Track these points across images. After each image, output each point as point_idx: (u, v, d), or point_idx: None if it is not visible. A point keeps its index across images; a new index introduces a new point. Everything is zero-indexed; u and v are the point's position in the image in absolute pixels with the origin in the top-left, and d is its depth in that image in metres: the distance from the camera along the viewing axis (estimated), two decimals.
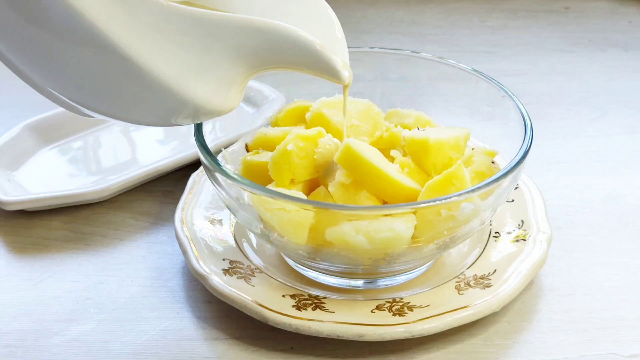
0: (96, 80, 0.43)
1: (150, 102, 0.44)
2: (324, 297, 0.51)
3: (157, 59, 0.42)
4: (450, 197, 0.47)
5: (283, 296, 0.51)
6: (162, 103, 0.44)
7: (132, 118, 0.46)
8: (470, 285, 0.52)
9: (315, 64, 0.47)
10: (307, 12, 0.52)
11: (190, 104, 0.44)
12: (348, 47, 0.64)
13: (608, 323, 0.52)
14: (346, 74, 0.49)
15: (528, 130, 0.53)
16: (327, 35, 0.51)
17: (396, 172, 0.51)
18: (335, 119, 0.55)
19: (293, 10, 0.52)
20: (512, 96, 0.56)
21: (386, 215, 0.47)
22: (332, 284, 0.53)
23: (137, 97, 0.44)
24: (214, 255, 0.55)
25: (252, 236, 0.57)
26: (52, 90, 0.44)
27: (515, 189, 0.60)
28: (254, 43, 0.45)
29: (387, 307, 0.51)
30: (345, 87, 0.51)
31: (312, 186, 0.53)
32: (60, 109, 0.71)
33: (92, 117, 0.47)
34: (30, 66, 0.44)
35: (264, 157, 0.55)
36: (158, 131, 0.73)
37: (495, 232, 0.57)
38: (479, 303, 0.50)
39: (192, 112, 0.45)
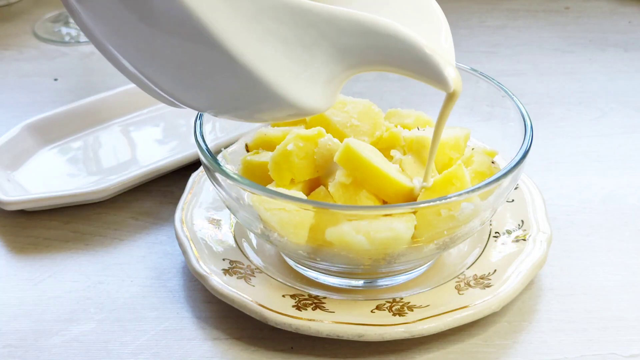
0: (198, 74, 0.41)
1: (247, 98, 0.43)
2: (324, 297, 0.51)
3: (257, 52, 0.40)
4: (450, 197, 0.47)
5: (283, 296, 0.51)
6: (257, 98, 0.42)
7: (229, 113, 0.45)
8: (470, 285, 0.52)
9: (422, 68, 0.44)
10: (415, 10, 0.48)
11: (286, 101, 0.42)
12: None
13: (608, 323, 0.52)
14: (452, 82, 0.45)
15: (528, 130, 0.53)
16: (433, 38, 0.47)
17: (396, 172, 0.51)
18: (336, 119, 0.55)
19: (399, 6, 0.48)
20: (512, 96, 0.56)
21: (386, 215, 0.47)
22: (332, 284, 0.53)
23: (236, 93, 0.42)
24: (214, 255, 0.55)
25: (252, 236, 0.57)
26: (149, 82, 0.43)
27: (515, 189, 0.60)
28: (358, 40, 0.42)
29: (387, 307, 0.51)
30: (450, 95, 0.47)
31: (312, 186, 0.53)
32: (60, 109, 0.71)
33: (182, 107, 0.46)
34: (136, 61, 0.42)
35: (264, 157, 0.55)
36: (158, 131, 0.73)
37: (495, 232, 0.57)
38: (479, 303, 0.50)
39: (285, 110, 0.44)
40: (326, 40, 0.42)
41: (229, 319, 0.52)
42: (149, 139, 0.72)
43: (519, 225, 0.57)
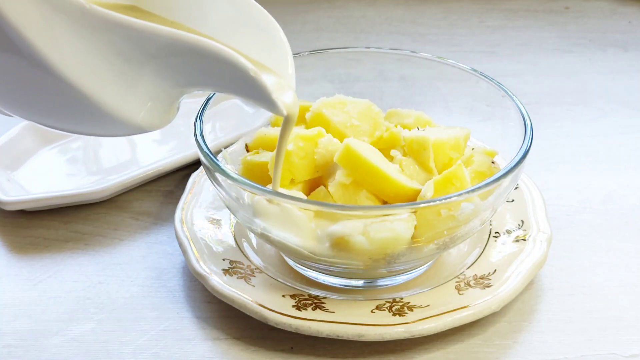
0: (23, 90, 0.41)
1: (74, 113, 0.42)
2: (324, 297, 0.51)
3: (80, 70, 0.39)
4: (450, 197, 0.47)
5: (283, 296, 0.51)
6: (87, 116, 0.42)
7: (52, 124, 0.44)
8: (470, 285, 0.52)
9: (250, 91, 0.43)
10: (263, 38, 0.47)
11: (120, 120, 0.42)
12: (348, 47, 0.65)
13: (608, 323, 0.52)
14: (281, 104, 0.44)
15: (528, 130, 0.53)
16: (280, 65, 0.47)
17: (396, 172, 0.51)
18: (336, 119, 0.55)
19: (247, 33, 0.47)
20: (512, 96, 0.56)
21: (386, 215, 0.47)
22: (332, 284, 0.53)
23: (60, 106, 0.41)
24: (214, 255, 0.55)
25: (252, 236, 0.57)
26: None
27: (515, 189, 0.60)
28: (183, 60, 0.41)
29: (387, 307, 0.51)
30: (285, 119, 0.46)
31: (312, 186, 0.53)
32: None
33: (11, 115, 0.45)
34: None
35: (264, 157, 0.55)
36: (158, 131, 0.73)
37: (495, 232, 0.57)
38: (479, 303, 0.50)
39: (122, 127, 0.43)
40: (150, 57, 0.41)
41: (229, 319, 0.52)
42: (149, 139, 0.72)
43: (519, 225, 0.57)
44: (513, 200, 0.60)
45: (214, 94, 0.56)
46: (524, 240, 0.56)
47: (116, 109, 0.41)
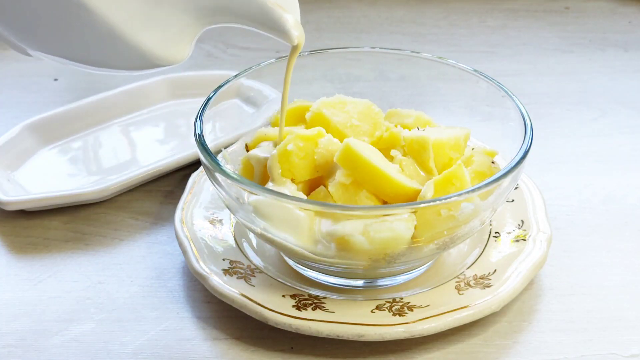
0: (46, 17, 0.41)
1: (93, 43, 0.43)
2: (324, 297, 0.51)
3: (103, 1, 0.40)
4: (450, 197, 0.47)
5: (283, 296, 0.51)
6: (105, 46, 0.43)
7: (79, 58, 0.45)
8: (470, 285, 0.52)
9: (264, 20, 0.46)
10: None
11: (135, 50, 0.43)
12: (347, 47, 0.65)
13: (608, 323, 0.52)
14: (296, 33, 0.47)
15: (528, 130, 0.53)
16: (283, 1, 0.49)
17: (396, 172, 0.51)
18: (336, 119, 0.55)
19: None
20: (512, 96, 0.56)
21: (386, 215, 0.47)
22: (332, 284, 0.53)
23: (81, 35, 0.42)
24: (214, 255, 0.55)
25: (252, 236, 0.57)
26: None
27: (515, 189, 0.60)
28: None
29: (387, 307, 0.51)
30: (293, 48, 0.50)
31: (312, 186, 0.53)
32: (60, 109, 0.71)
33: (30, 55, 0.45)
34: None
35: (264, 152, 0.54)
36: (158, 131, 0.73)
37: (495, 232, 0.57)
38: (479, 303, 0.50)
39: (136, 59, 0.44)
40: None
41: (229, 319, 0.52)
42: (149, 139, 0.72)
43: (519, 225, 0.57)
44: (513, 200, 0.60)
45: (213, 94, 0.56)
46: (524, 240, 0.56)
47: (135, 38, 0.42)
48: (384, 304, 0.51)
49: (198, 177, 0.62)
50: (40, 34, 0.43)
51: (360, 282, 0.53)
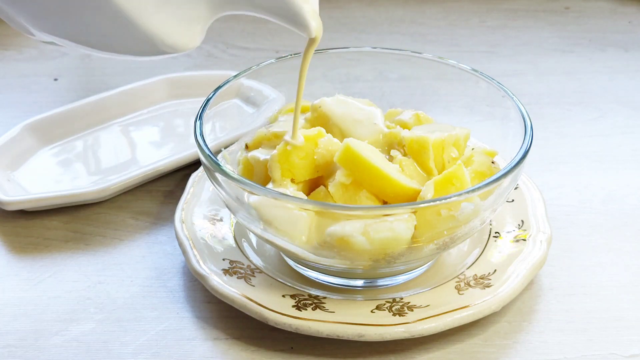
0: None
1: (102, 25, 0.42)
2: (324, 297, 0.51)
3: None
4: (450, 197, 0.47)
5: (283, 296, 0.51)
6: (118, 30, 0.42)
7: (86, 41, 0.44)
8: (470, 285, 0.52)
9: (281, 9, 0.44)
10: None
11: (145, 35, 0.42)
12: (347, 47, 0.65)
13: (608, 323, 0.52)
14: (314, 24, 0.46)
15: (528, 130, 0.53)
16: None
17: (396, 172, 0.51)
18: (336, 118, 0.55)
19: None
20: (512, 96, 0.56)
21: (386, 215, 0.47)
22: (332, 284, 0.53)
23: (90, 16, 0.41)
24: (214, 255, 0.55)
25: (252, 236, 0.57)
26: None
27: (515, 189, 0.60)
28: None
29: (387, 307, 0.51)
30: (311, 40, 0.48)
31: (312, 186, 0.53)
32: (60, 109, 0.71)
33: (33, 35, 0.45)
34: None
35: (263, 155, 0.55)
36: (158, 131, 0.73)
37: (495, 232, 0.57)
38: (479, 303, 0.50)
39: (148, 44, 0.43)
40: None
41: (229, 319, 0.52)
42: (149, 139, 0.72)
43: (519, 225, 0.57)
44: (513, 200, 0.60)
45: (213, 94, 0.56)
46: (524, 240, 0.56)
47: (146, 21, 0.41)
48: (384, 304, 0.51)
49: (198, 177, 0.62)
50: (47, 13, 0.42)
51: (360, 282, 0.53)
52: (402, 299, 0.51)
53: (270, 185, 0.52)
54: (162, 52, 0.45)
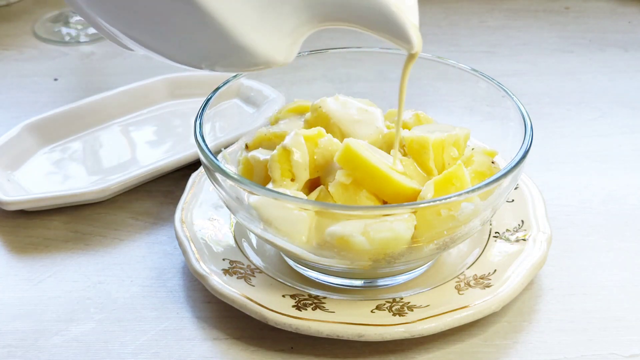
0: (150, 11, 0.41)
1: (201, 41, 0.42)
2: (324, 297, 0.51)
3: None
4: (450, 197, 0.47)
5: (283, 296, 0.51)
6: (212, 43, 0.41)
7: (178, 56, 0.44)
8: (470, 285, 0.52)
9: (385, 25, 0.44)
10: None
11: (245, 50, 0.42)
12: (347, 47, 0.65)
13: (608, 323, 0.52)
14: (416, 40, 0.45)
15: (528, 130, 0.53)
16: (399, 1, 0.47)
17: (396, 172, 0.51)
18: (336, 117, 0.55)
19: None
20: (512, 96, 0.56)
21: (386, 215, 0.47)
22: (332, 284, 0.53)
23: (190, 34, 0.41)
24: (214, 255, 0.55)
25: (252, 236, 0.57)
26: (101, 20, 0.42)
27: (515, 189, 0.60)
28: None
29: (387, 307, 0.51)
30: (411, 55, 0.48)
31: (312, 186, 0.53)
32: (60, 109, 0.71)
33: (132, 50, 0.45)
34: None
35: (263, 155, 0.55)
36: (158, 131, 0.73)
37: (495, 232, 0.57)
38: (479, 303, 0.50)
39: (244, 60, 0.43)
40: None
41: (229, 319, 0.52)
42: (149, 139, 0.72)
43: (519, 225, 0.57)
44: (513, 200, 0.60)
45: (213, 94, 0.56)
46: (524, 240, 0.56)
47: (246, 37, 0.41)
48: (384, 304, 0.51)
49: (198, 177, 0.62)
50: (148, 32, 0.42)
51: (360, 282, 0.53)
52: (402, 299, 0.51)
53: (270, 185, 0.52)
54: (259, 67, 0.44)
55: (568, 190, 0.65)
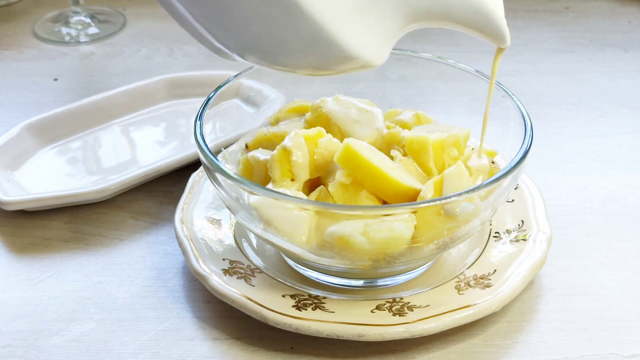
0: (251, 17, 0.41)
1: (300, 45, 0.42)
2: (324, 297, 0.51)
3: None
4: (450, 197, 0.47)
5: (283, 296, 0.51)
6: (311, 48, 0.42)
7: (277, 60, 0.44)
8: (470, 285, 0.52)
9: (483, 24, 0.45)
10: None
11: (342, 52, 0.42)
12: None
13: (608, 323, 0.52)
14: (508, 37, 0.47)
15: (528, 130, 0.53)
16: None
17: (396, 172, 0.51)
18: (336, 117, 0.55)
19: None
20: (512, 96, 0.56)
21: (386, 215, 0.47)
22: (332, 284, 0.53)
23: (290, 38, 0.42)
24: (214, 255, 0.55)
25: (252, 236, 0.57)
26: (200, 27, 0.43)
27: (515, 189, 0.60)
28: None
29: (387, 307, 0.51)
30: (500, 50, 0.50)
31: (312, 186, 0.53)
32: (60, 109, 0.71)
33: (235, 60, 0.45)
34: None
35: (264, 155, 0.55)
36: (158, 131, 0.73)
37: (495, 232, 0.57)
38: (479, 303, 0.50)
39: (340, 62, 0.43)
40: None
41: (229, 319, 0.52)
42: (149, 139, 0.72)
43: (519, 225, 0.57)
44: (513, 200, 0.60)
45: (213, 94, 0.56)
46: (524, 240, 0.56)
47: (343, 39, 0.41)
48: (384, 304, 0.51)
49: (198, 177, 0.62)
50: (249, 40, 0.43)
51: (360, 282, 0.53)
52: (402, 299, 0.51)
53: (270, 185, 0.52)
54: (354, 69, 0.45)
55: (568, 190, 0.65)
